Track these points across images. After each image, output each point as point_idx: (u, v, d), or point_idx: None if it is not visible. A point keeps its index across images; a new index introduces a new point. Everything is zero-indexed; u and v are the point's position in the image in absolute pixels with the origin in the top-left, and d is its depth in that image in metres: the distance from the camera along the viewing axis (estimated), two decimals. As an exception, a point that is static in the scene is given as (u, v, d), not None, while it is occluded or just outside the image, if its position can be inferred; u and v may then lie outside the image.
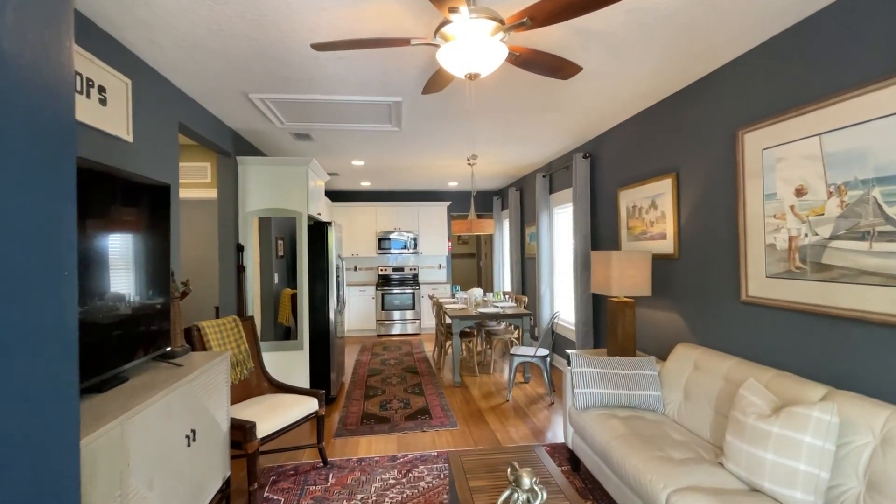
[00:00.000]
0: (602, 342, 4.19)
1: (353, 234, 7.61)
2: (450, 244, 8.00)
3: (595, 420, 2.47)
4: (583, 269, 4.29)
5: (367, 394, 4.40)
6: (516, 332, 5.17)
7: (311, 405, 2.86)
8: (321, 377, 4.15)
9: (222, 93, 2.99)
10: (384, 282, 7.61)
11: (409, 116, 3.58)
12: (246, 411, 2.64)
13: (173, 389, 1.81)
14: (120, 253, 1.82)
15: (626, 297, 3.28)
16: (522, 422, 3.65)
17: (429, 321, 7.49)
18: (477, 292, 5.33)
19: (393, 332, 7.42)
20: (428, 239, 7.75)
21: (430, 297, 5.85)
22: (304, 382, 3.98)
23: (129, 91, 2.28)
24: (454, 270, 10.08)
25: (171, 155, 2.77)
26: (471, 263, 10.28)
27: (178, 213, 2.83)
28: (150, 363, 2.09)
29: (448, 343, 5.02)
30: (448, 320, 5.11)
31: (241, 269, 3.91)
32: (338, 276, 4.46)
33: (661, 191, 3.23)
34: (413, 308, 7.41)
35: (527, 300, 5.19)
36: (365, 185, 7.14)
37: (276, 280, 4.83)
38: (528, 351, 4.21)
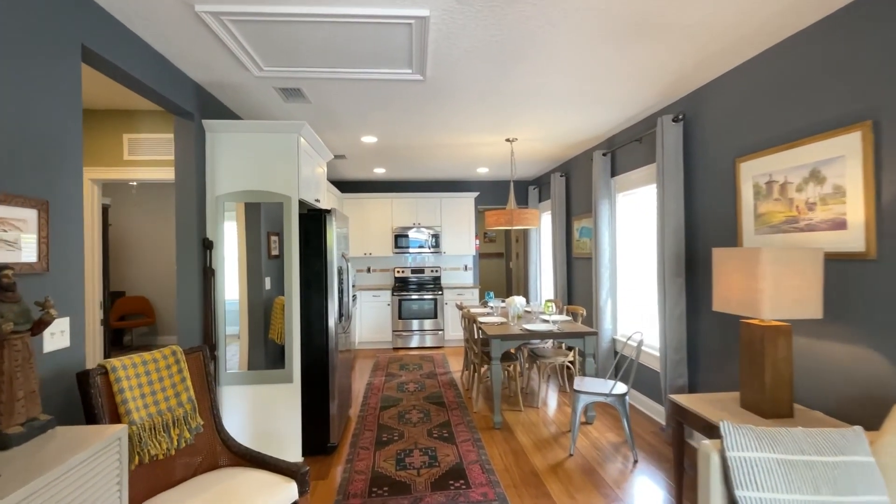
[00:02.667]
0: (701, 381, 3.02)
1: (365, 231, 6.57)
2: (477, 242, 6.89)
3: (795, 562, 1.33)
4: (673, 273, 3.13)
5: (379, 438, 3.32)
6: (570, 353, 4.02)
7: (285, 494, 1.79)
8: (317, 420, 3.09)
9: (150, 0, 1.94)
10: (401, 285, 6.55)
11: (438, 52, 2.49)
12: (172, 515, 1.58)
13: None
14: None
15: (779, 319, 2.12)
16: (600, 493, 2.52)
17: (453, 332, 6.40)
18: (518, 301, 4.21)
19: (412, 345, 6.35)
20: (452, 236, 6.66)
21: (459, 308, 4.76)
22: (294, 429, 2.93)
23: (-63, -47, 1.25)
24: (480, 272, 8.97)
25: (62, 95, 1.73)
26: (499, 264, 9.15)
27: (80, 188, 1.79)
28: (-75, 475, 1.04)
29: (484, 368, 3.92)
30: (480, 336, 4.02)
31: (208, 274, 2.88)
32: (341, 282, 3.41)
33: (837, 153, 2.05)
34: (435, 317, 6.32)
35: (584, 313, 4.05)
36: (379, 172, 6.09)
37: (267, 286, 3.79)
38: (598, 386, 3.07)
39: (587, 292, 4.86)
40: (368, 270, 6.94)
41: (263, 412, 2.94)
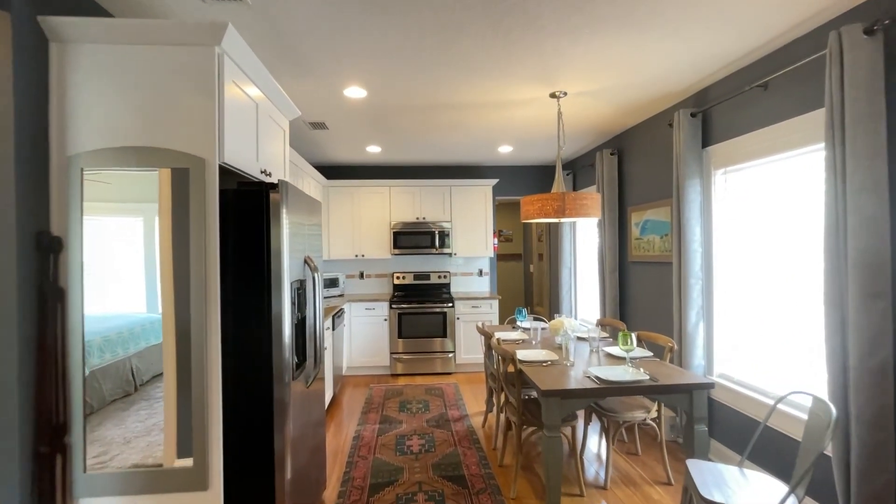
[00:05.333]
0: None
1: (357, 227, 5.28)
2: (496, 241, 5.60)
3: None
4: (866, 293, 1.82)
5: (364, 559, 2.03)
6: (654, 406, 2.70)
7: None
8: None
9: None
10: (403, 295, 5.25)
11: None
12: None
13: None
14: None
15: None
16: None
17: (466, 354, 5.10)
18: (569, 326, 2.92)
19: (416, 372, 5.05)
20: (465, 234, 5.36)
21: (481, 332, 3.46)
22: (207, 574, 1.64)
23: None
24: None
25: None
26: (515, 269, 7.85)
27: None
28: None
29: (527, 431, 2.60)
30: (517, 370, 2.75)
31: (46, 298, 1.59)
32: (302, 304, 2.11)
33: None
34: (444, 335, 5.03)
35: (674, 347, 2.74)
36: (373, 151, 4.79)
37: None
38: (740, 490, 1.77)
39: (653, 311, 3.56)
40: (361, 276, 5.65)
41: (154, 544, 1.65)
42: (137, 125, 1.64)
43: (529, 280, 7.36)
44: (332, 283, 5.27)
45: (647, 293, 3.69)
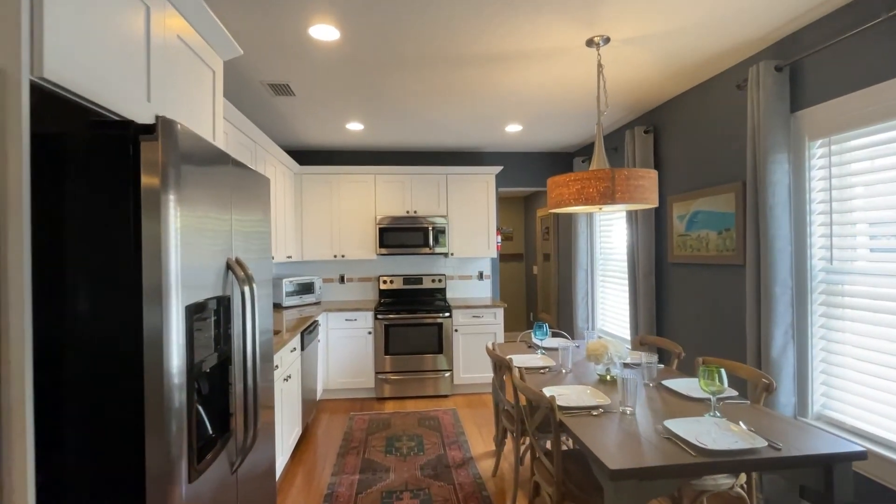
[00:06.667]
0: None
1: (336, 222, 4.46)
2: (499, 240, 4.82)
3: None
4: None
5: None
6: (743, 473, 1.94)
7: None
8: None
9: None
10: (390, 302, 4.44)
11: None
12: None
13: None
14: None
15: None
16: None
17: (466, 372, 4.31)
18: (615, 352, 2.15)
19: (406, 395, 4.24)
20: (463, 230, 4.58)
21: (492, 355, 2.66)
22: None
23: None
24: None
25: None
26: (516, 270, 7.08)
27: None
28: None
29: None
30: (554, 419, 1.98)
31: None
32: (220, 334, 1.30)
33: None
34: (439, 350, 4.23)
35: (773, 385, 1.96)
36: (354, 129, 3.97)
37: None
38: None
39: (709, 327, 2.81)
40: (342, 280, 4.82)
41: None
42: None
43: (533, 284, 6.60)
44: (306, 288, 4.44)
45: (696, 304, 2.94)
